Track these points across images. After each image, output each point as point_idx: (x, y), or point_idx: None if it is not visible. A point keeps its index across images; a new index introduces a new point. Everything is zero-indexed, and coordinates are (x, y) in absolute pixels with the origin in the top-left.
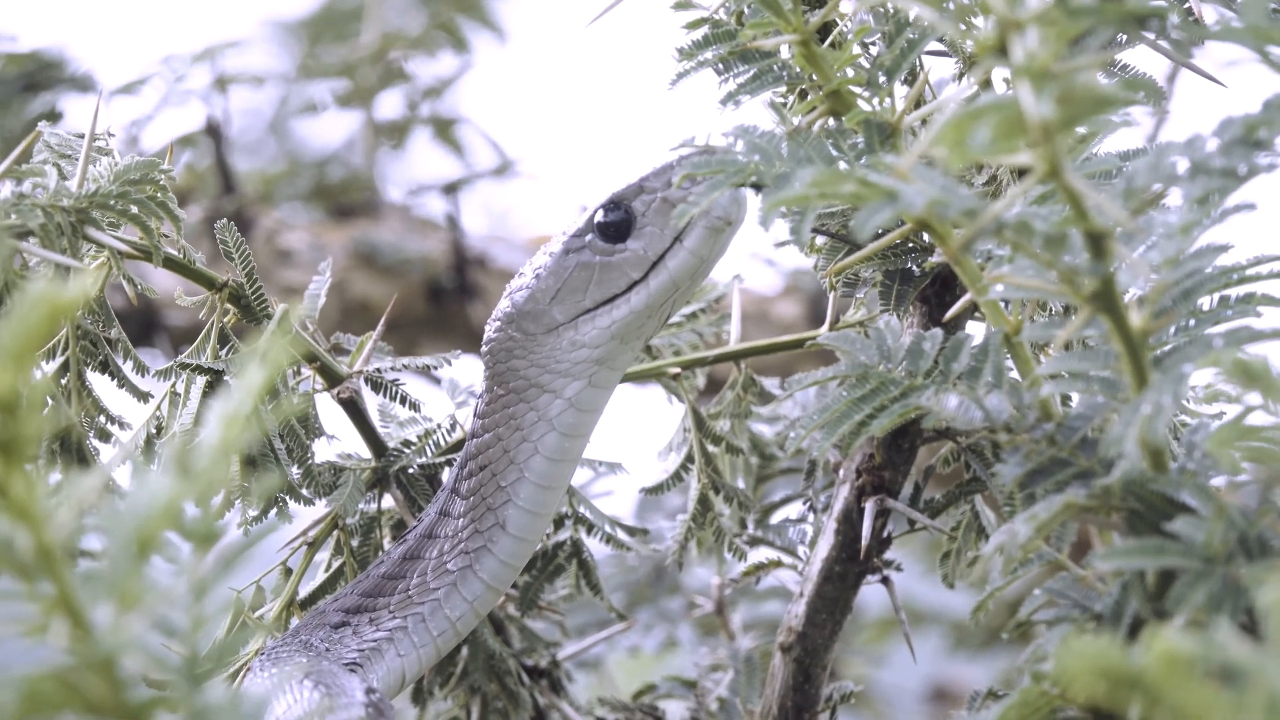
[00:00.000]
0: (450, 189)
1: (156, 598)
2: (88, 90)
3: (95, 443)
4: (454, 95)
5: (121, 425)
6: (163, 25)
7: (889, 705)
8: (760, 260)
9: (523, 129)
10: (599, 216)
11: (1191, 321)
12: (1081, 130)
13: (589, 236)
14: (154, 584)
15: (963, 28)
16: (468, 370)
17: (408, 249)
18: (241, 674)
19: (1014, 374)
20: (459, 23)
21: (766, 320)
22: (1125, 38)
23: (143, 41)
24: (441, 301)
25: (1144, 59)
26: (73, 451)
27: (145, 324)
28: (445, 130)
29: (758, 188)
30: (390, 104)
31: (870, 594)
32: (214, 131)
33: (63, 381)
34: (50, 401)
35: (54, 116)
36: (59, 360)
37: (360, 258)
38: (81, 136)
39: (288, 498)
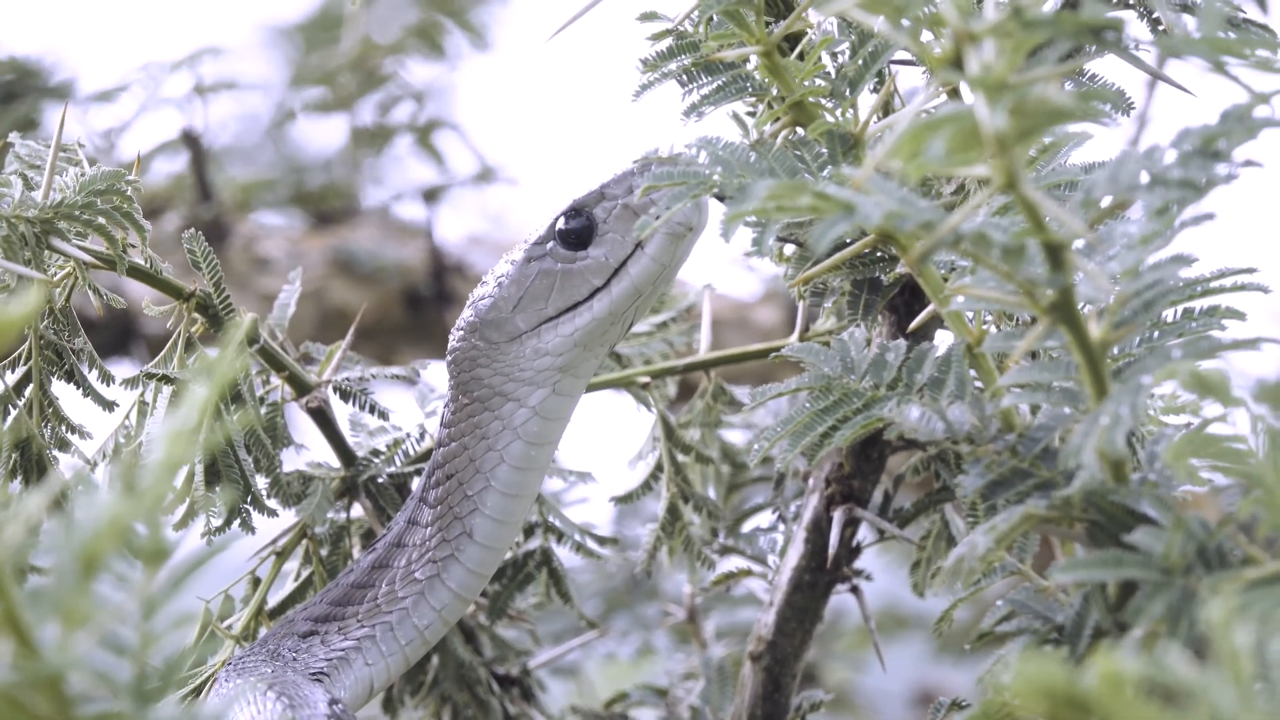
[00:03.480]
0: (429, 196)
1: (105, 615)
2: (68, 99)
3: (56, 454)
4: (438, 103)
5: (83, 435)
6: (151, 34)
7: (873, 711)
8: (740, 266)
9: (508, 136)
10: (560, 224)
11: (1155, 334)
12: (1047, 140)
13: (550, 244)
14: (102, 601)
15: (920, 40)
16: (439, 378)
17: (385, 256)
18: (208, 684)
19: (979, 384)
20: (441, 30)
21: (746, 326)
22: (1094, 48)
23: (130, 50)
24: (420, 309)
25: (1120, 70)
26: (33, 463)
27: (123, 332)
28: (427, 137)
29: (722, 198)
30: (371, 110)
31: (853, 600)
32: (191, 140)
33: (25, 392)
34: (12, 412)
35: (33, 124)
36: (21, 370)
37: (338, 265)
38: (49, 146)
39: (251, 508)
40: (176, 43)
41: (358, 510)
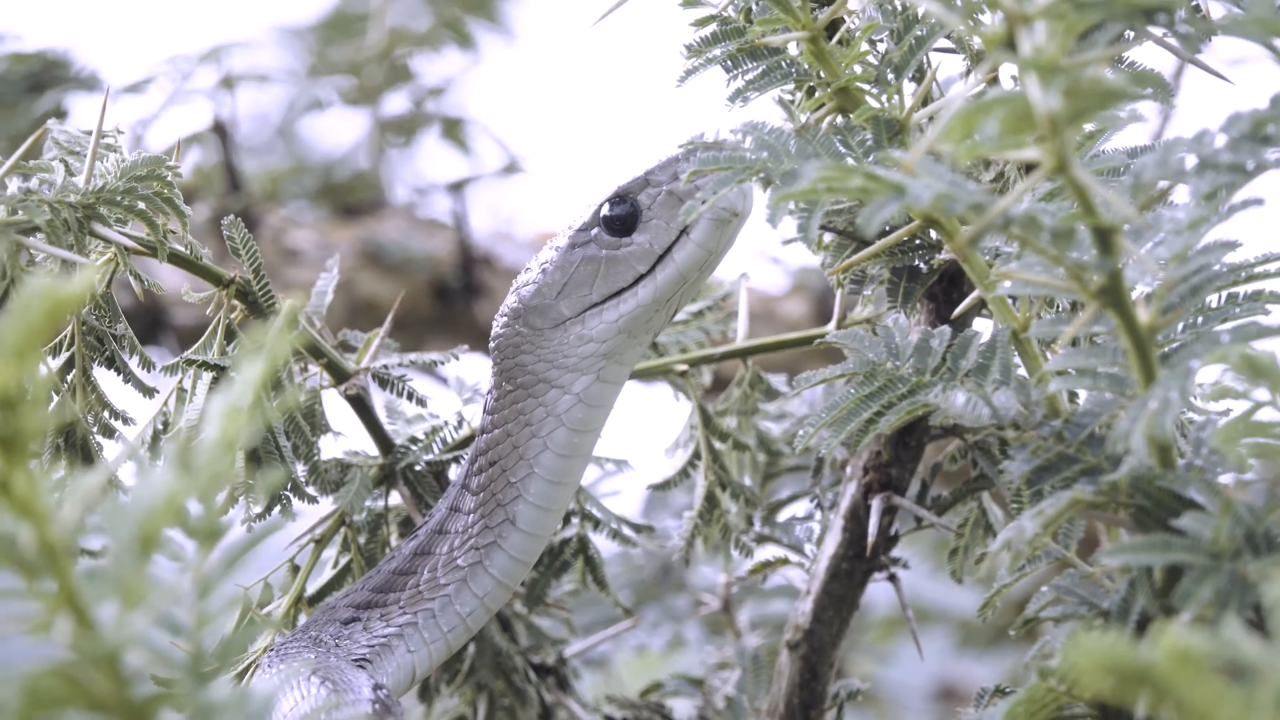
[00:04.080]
0: (456, 188)
1: (160, 595)
2: (93, 90)
3: (99, 439)
4: (461, 94)
5: (126, 421)
6: (171, 29)
7: (896, 704)
8: (766, 259)
9: (531, 127)
10: (605, 210)
11: (1199, 319)
12: (1090, 127)
13: (595, 230)
14: (158, 581)
15: (971, 23)
16: (474, 367)
17: (414, 248)
18: (250, 670)
19: (1022, 371)
20: (466, 21)
21: (772, 319)
22: (1132, 34)
23: (151, 44)
24: (448, 301)
25: (1150, 57)
26: (77, 448)
27: (152, 323)
28: (452, 129)
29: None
30: (397, 103)
31: (877, 592)
32: (221, 130)
33: (68, 377)
34: (55, 397)
35: (60, 115)
36: (64, 356)
37: (367, 257)
38: (89, 133)
39: (292, 495)
40: (193, 39)
41: (395, 498)
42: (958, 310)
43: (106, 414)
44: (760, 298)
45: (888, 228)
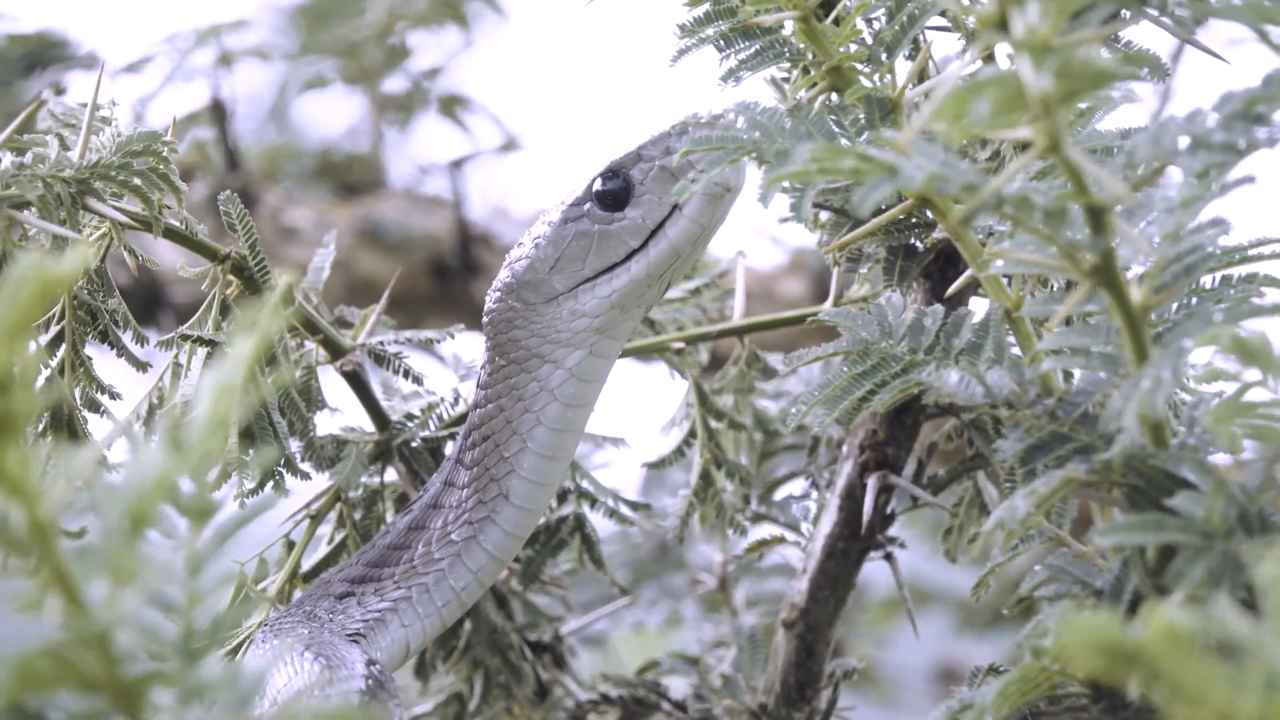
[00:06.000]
0: (455, 166)
1: (152, 573)
2: (91, 69)
3: (86, 415)
4: (459, 73)
5: (114, 397)
6: (169, 8)
7: (895, 685)
8: (765, 238)
9: (529, 106)
10: (597, 185)
11: (1194, 299)
12: (1083, 105)
13: (587, 205)
14: (149, 559)
15: (965, 2)
16: (470, 345)
17: (412, 227)
18: (245, 646)
19: (1016, 350)
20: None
21: (771, 298)
22: (1129, 14)
23: (149, 23)
24: (446, 279)
25: (1148, 37)
26: (63, 426)
27: (150, 300)
28: (450, 107)
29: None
30: (395, 82)
31: (876, 574)
32: (219, 109)
33: (58, 353)
34: (44, 375)
35: (58, 91)
36: (54, 330)
37: (365, 236)
38: (85, 106)
39: (285, 471)
40: (193, 18)
41: (391, 474)
42: (952, 289)
43: (95, 390)
44: (758, 276)
45: (883, 206)
